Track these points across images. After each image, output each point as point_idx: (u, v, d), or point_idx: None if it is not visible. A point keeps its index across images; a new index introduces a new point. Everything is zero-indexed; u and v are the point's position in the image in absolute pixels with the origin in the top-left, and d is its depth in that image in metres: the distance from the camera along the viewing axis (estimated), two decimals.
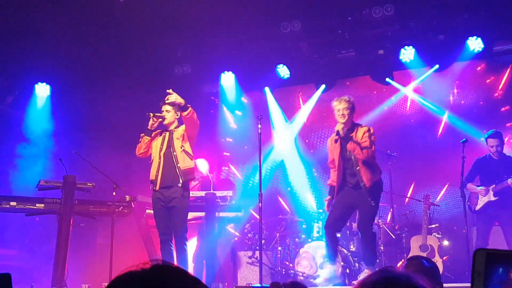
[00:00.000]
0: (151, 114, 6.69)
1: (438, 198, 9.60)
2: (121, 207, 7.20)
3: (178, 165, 6.56)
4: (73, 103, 9.90)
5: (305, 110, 10.90)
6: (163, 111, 6.76)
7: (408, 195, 9.65)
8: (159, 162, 6.65)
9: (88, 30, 9.33)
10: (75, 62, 9.79)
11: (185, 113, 6.56)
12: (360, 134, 6.41)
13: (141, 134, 6.77)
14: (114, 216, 7.02)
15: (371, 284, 1.38)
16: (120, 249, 7.49)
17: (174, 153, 6.61)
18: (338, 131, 6.44)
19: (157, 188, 6.58)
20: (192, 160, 6.73)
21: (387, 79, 9.90)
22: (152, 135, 6.77)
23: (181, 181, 6.53)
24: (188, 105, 6.60)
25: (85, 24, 9.18)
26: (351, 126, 6.52)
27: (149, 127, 6.72)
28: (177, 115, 6.79)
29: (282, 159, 11.05)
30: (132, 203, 7.34)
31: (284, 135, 10.99)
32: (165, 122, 6.74)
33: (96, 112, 10.02)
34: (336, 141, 6.57)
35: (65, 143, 9.34)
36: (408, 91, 10.20)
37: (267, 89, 10.67)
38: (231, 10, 9.27)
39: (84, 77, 9.90)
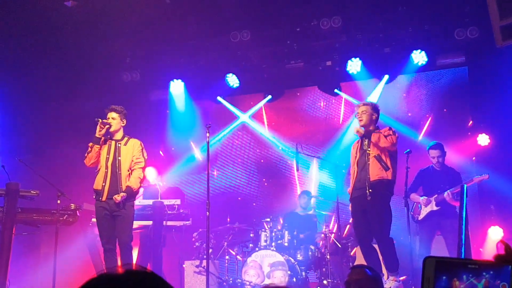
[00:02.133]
0: (100, 120, 6.59)
1: None
2: (66, 215, 7.03)
3: (121, 186, 6.53)
4: (17, 109, 9.64)
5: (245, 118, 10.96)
6: (108, 118, 6.68)
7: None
8: (106, 172, 6.57)
9: (34, 35, 9.13)
10: (20, 67, 9.56)
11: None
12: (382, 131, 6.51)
13: (89, 144, 6.65)
14: (58, 225, 6.85)
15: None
16: (64, 259, 7.33)
17: (119, 172, 6.56)
18: (357, 131, 6.56)
19: (104, 198, 6.49)
20: (141, 183, 6.76)
21: (336, 90, 10.06)
22: (100, 142, 6.68)
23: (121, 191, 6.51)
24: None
25: (31, 28, 8.97)
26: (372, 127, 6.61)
27: (96, 135, 6.62)
28: (122, 123, 6.75)
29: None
30: (78, 211, 7.19)
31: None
32: (111, 129, 6.67)
33: (41, 118, 9.80)
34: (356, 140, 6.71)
35: (8, 149, 9.08)
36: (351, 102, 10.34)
37: (220, 98, 10.67)
38: (181, 17, 9.26)
39: (30, 83, 9.67)
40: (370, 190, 6.38)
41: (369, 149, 6.50)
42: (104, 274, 1.12)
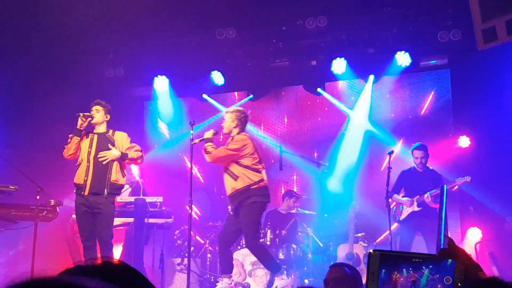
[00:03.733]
0: (81, 114, 6.57)
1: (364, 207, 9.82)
2: (45, 211, 6.96)
3: (109, 176, 6.50)
4: None
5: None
6: (92, 110, 6.67)
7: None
8: (88, 166, 6.52)
9: (16, 29, 9.03)
10: (1, 62, 9.44)
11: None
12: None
13: (70, 135, 6.63)
14: (37, 221, 6.77)
15: None
16: (43, 255, 7.25)
17: (111, 162, 6.53)
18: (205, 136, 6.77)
19: (86, 193, 6.45)
20: (124, 177, 6.71)
21: (319, 89, 10.08)
22: (81, 135, 6.65)
23: (106, 192, 6.47)
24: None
25: (13, 23, 8.88)
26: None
27: (78, 127, 6.59)
28: (106, 117, 6.74)
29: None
30: (57, 207, 7.12)
31: None
32: (93, 121, 6.64)
33: (22, 112, 9.69)
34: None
35: None
36: (335, 102, 10.35)
37: (205, 96, 10.61)
38: (166, 13, 9.22)
39: (11, 78, 9.55)
40: (231, 206, 6.68)
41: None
42: (79, 265, 1.11)
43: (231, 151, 6.57)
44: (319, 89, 10.07)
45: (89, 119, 6.61)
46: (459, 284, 1.23)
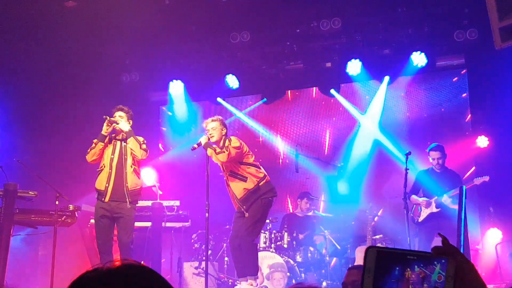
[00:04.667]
0: (108, 118, 6.58)
1: (382, 209, 9.77)
2: (64, 216, 6.99)
3: (127, 184, 6.53)
4: (17, 110, 9.61)
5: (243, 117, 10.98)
6: (115, 116, 6.68)
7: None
8: (110, 173, 6.55)
9: (34, 36, 9.12)
10: (20, 67, 9.54)
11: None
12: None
13: (94, 140, 6.65)
14: (56, 226, 6.82)
15: None
16: (62, 260, 7.30)
17: (125, 170, 6.55)
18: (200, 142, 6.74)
19: (107, 200, 6.49)
20: (140, 179, 6.75)
21: (332, 91, 10.04)
22: (105, 141, 6.67)
23: (128, 201, 6.51)
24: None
25: (31, 29, 8.97)
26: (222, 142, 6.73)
27: (103, 132, 6.61)
28: (129, 123, 6.74)
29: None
30: (76, 212, 7.15)
31: None
32: (117, 127, 6.63)
33: (41, 119, 9.78)
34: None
35: (6, 150, 9.06)
36: (346, 105, 10.30)
37: (220, 99, 10.62)
38: (180, 18, 9.25)
39: (30, 83, 9.65)
40: (244, 207, 6.64)
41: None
42: (100, 267, 1.11)
43: (237, 149, 6.57)
44: (332, 91, 10.04)
45: (114, 124, 6.61)
46: (450, 282, 1.24)
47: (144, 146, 6.69)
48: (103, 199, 6.51)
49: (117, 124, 6.63)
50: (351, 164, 10.04)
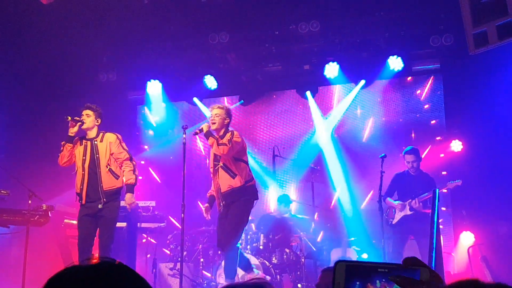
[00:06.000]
0: (69, 118, 6.45)
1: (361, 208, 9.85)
2: (37, 216, 6.92)
3: (101, 184, 6.43)
4: None
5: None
6: (83, 115, 6.54)
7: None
8: (83, 175, 6.45)
9: (9, 33, 9.00)
10: None
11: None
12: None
13: (62, 142, 6.52)
14: (29, 226, 6.74)
15: None
16: (35, 260, 7.21)
17: (99, 170, 6.45)
18: (201, 128, 6.60)
19: (83, 202, 6.42)
20: (118, 179, 6.57)
21: (307, 93, 10.08)
22: (73, 141, 6.57)
23: (103, 201, 6.41)
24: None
25: (5, 26, 8.85)
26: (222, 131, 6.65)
27: (69, 133, 6.49)
28: (97, 122, 6.61)
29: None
30: (49, 212, 7.08)
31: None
32: (84, 126, 6.51)
33: (15, 117, 9.65)
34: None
35: None
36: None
37: (196, 99, 10.60)
38: (159, 18, 9.22)
39: (3, 82, 9.52)
40: (223, 202, 6.57)
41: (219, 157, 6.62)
42: (78, 265, 1.11)
43: (238, 144, 6.49)
44: (307, 93, 10.10)
45: (79, 123, 6.48)
46: None
47: (133, 174, 6.64)
48: (81, 201, 6.44)
49: (82, 123, 6.50)
50: (330, 166, 10.13)
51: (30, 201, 6.79)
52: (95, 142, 6.55)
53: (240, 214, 6.57)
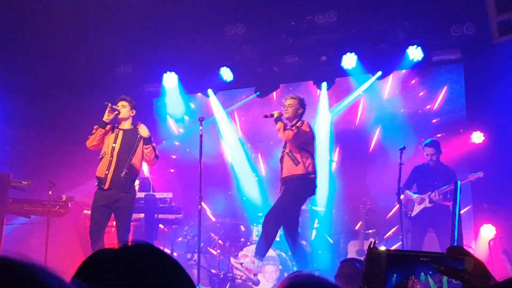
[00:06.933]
0: (109, 104, 6.60)
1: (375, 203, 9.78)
2: (57, 206, 6.97)
3: (125, 172, 6.51)
4: (10, 100, 9.53)
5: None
6: (118, 105, 6.69)
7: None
8: (111, 161, 6.55)
9: (28, 26, 9.03)
10: (13, 59, 9.45)
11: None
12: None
13: (95, 126, 6.66)
14: (49, 216, 6.78)
15: None
16: (55, 250, 7.26)
17: (127, 160, 6.54)
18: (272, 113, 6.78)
19: (106, 187, 6.48)
20: (140, 166, 6.84)
21: (323, 84, 10.00)
22: (106, 128, 6.67)
23: (124, 172, 6.50)
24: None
25: (25, 19, 8.88)
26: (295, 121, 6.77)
27: (104, 119, 6.62)
28: (131, 113, 6.77)
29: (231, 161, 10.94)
30: (69, 203, 7.13)
31: (230, 138, 10.92)
32: (120, 116, 6.67)
33: (35, 110, 9.70)
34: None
35: (0, 140, 9.00)
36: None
37: (210, 91, 10.57)
38: (175, 10, 9.19)
39: (23, 74, 9.56)
40: (283, 187, 6.68)
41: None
42: (113, 247, 1.12)
43: (305, 134, 6.60)
44: (323, 84, 10.02)
45: (116, 112, 6.63)
46: (469, 280, 1.21)
47: (156, 152, 6.77)
48: (102, 186, 6.51)
49: (119, 113, 6.64)
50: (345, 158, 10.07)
51: (50, 192, 6.85)
52: (128, 131, 6.69)
53: (291, 200, 6.63)
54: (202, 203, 7.02)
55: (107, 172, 6.51)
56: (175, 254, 8.52)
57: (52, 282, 0.79)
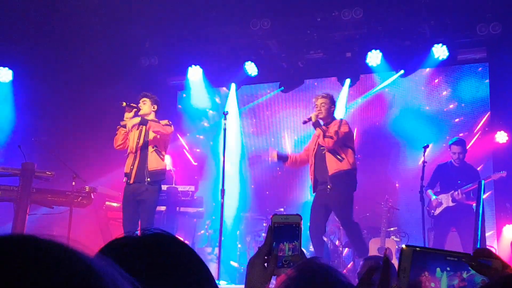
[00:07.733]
0: (124, 104, 6.64)
1: (397, 201, 9.71)
2: (80, 197, 7.06)
3: (147, 165, 6.58)
4: (37, 90, 9.67)
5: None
6: (139, 102, 6.73)
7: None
8: (135, 156, 6.64)
9: (54, 17, 9.14)
10: (40, 48, 9.58)
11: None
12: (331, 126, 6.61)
13: (118, 126, 6.73)
14: (72, 207, 6.88)
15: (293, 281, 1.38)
16: (77, 241, 7.34)
17: (146, 151, 6.63)
18: (310, 117, 6.63)
19: (131, 181, 6.57)
20: (163, 161, 6.73)
21: (346, 81, 9.95)
22: (129, 126, 6.71)
23: (147, 181, 6.54)
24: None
25: (51, 10, 8.99)
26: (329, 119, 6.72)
27: (125, 119, 6.68)
28: (153, 108, 6.79)
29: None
30: (92, 194, 7.22)
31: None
32: (141, 112, 6.68)
33: (59, 100, 9.83)
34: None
35: (25, 130, 9.13)
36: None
37: (232, 85, 10.60)
38: (201, 3, 9.22)
39: (48, 64, 9.69)
40: (330, 185, 6.52)
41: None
42: (131, 235, 1.11)
43: (346, 135, 6.54)
44: (346, 81, 9.98)
45: (134, 109, 6.67)
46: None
47: (165, 121, 6.74)
48: (129, 181, 6.61)
49: (138, 109, 6.67)
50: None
51: (73, 183, 6.93)
52: (145, 127, 6.70)
53: (346, 198, 6.58)
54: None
55: (132, 167, 6.61)
56: (196, 247, 8.56)
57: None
